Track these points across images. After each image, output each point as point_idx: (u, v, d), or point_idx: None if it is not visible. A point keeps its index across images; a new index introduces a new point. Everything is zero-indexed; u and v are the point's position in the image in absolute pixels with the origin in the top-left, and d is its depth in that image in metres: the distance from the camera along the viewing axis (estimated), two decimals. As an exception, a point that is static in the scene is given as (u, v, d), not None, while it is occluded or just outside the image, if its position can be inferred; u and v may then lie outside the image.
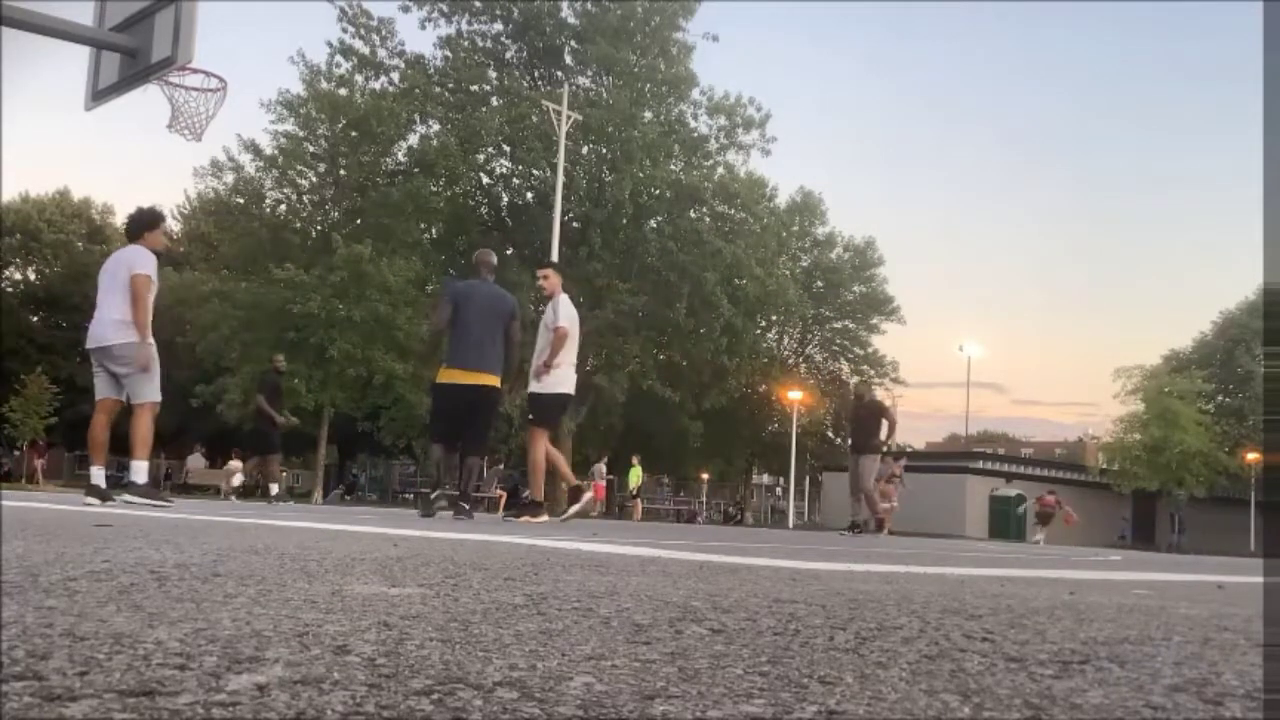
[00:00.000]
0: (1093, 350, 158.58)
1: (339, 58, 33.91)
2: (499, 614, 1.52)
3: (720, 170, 37.43)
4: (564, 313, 8.54)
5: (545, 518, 8.43)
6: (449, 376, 8.22)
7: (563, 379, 8.58)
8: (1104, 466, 45.53)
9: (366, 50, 34.34)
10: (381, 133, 32.89)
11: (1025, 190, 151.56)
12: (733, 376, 40.72)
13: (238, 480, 17.34)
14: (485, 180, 36.89)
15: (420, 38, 65.50)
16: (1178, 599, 2.73)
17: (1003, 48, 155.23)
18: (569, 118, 26.63)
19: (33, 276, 47.07)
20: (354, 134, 32.88)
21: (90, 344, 7.77)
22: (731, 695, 0.98)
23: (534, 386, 8.64)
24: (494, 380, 8.23)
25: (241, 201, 34.59)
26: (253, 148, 33.31)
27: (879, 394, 15.19)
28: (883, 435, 14.10)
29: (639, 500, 32.85)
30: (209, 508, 8.79)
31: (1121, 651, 1.45)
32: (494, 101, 34.92)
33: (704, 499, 54.22)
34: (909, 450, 55.76)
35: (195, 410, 32.99)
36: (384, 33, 34.52)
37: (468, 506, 8.32)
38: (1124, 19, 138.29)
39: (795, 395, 40.31)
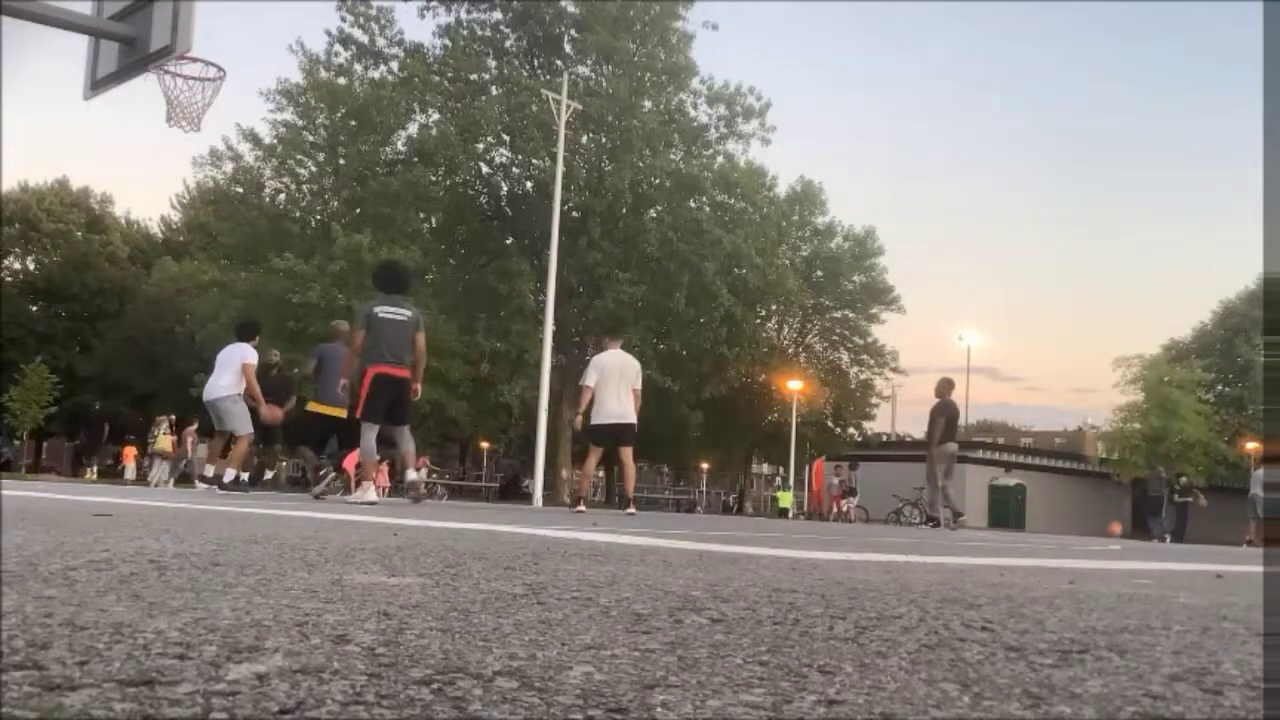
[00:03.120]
0: (1092, 340, 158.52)
1: (338, 46, 33.80)
2: (499, 603, 1.52)
3: (720, 159, 37.33)
4: (586, 371, 10.88)
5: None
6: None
7: (596, 413, 10.66)
8: (1104, 456, 45.53)
9: (365, 39, 34.20)
10: (381, 122, 32.78)
11: (1026, 181, 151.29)
12: (732, 366, 40.69)
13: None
14: (485, 170, 36.78)
15: (419, 26, 65.39)
16: (1177, 588, 2.74)
17: (1003, 36, 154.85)
18: (568, 107, 26.51)
19: (32, 266, 46.99)
20: (353, 123, 32.77)
21: (205, 398, 11.43)
22: (731, 684, 0.98)
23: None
24: None
25: (241, 191, 34.52)
26: (252, 137, 33.24)
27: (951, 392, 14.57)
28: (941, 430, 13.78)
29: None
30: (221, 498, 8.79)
31: (1121, 641, 1.45)
32: (493, 90, 34.79)
33: (703, 488, 54.28)
34: (908, 439, 55.78)
35: (196, 400, 33.03)
36: (383, 21, 34.37)
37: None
38: (1127, 8, 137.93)
39: (795, 385, 40.29)
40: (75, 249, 45.54)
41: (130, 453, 37.68)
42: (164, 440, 24.15)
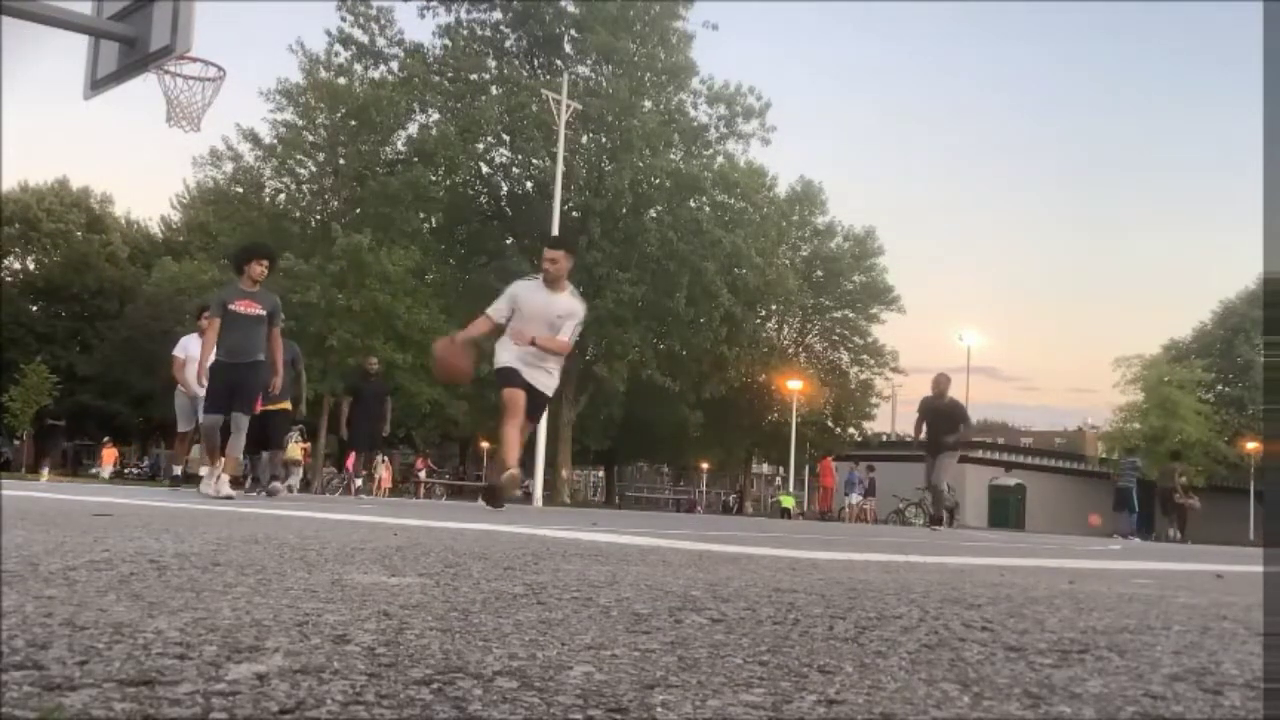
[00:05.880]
0: (1092, 340, 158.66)
1: (338, 46, 33.86)
2: (499, 603, 1.52)
3: (720, 159, 37.36)
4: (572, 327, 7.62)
5: None
6: None
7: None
8: (1104, 455, 45.53)
9: (365, 39, 34.27)
10: (380, 122, 32.82)
11: (1026, 181, 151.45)
12: (732, 366, 40.69)
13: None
14: (485, 169, 36.83)
15: (419, 26, 65.61)
16: (1177, 588, 2.74)
17: (1003, 36, 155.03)
18: (568, 107, 26.53)
19: (32, 266, 46.99)
20: (353, 123, 32.81)
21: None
22: (731, 684, 0.98)
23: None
24: None
25: (241, 191, 34.55)
26: (252, 137, 33.27)
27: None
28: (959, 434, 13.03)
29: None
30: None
31: (1121, 640, 1.45)
32: (493, 90, 34.83)
33: (703, 488, 54.27)
34: (907, 439, 55.72)
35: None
36: (383, 21, 34.45)
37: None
38: (1128, 8, 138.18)
39: (795, 385, 40.30)
40: (75, 249, 45.53)
41: (110, 455, 37.60)
42: (293, 449, 23.81)
